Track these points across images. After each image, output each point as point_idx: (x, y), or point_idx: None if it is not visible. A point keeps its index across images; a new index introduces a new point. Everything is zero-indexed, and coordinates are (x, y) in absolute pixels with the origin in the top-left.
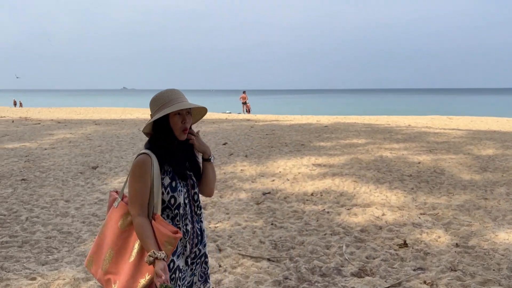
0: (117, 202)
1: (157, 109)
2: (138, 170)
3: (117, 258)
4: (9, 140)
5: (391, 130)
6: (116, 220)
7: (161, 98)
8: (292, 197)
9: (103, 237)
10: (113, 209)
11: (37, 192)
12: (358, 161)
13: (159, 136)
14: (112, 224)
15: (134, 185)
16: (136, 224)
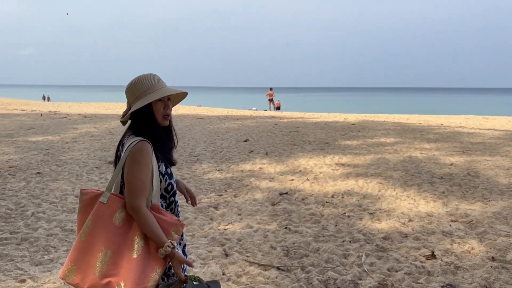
0: (105, 197)
1: (138, 94)
2: (141, 157)
3: (117, 258)
4: (34, 133)
5: (422, 129)
6: (110, 216)
7: (142, 83)
8: (310, 199)
9: (90, 240)
10: (100, 206)
11: (49, 186)
12: (385, 161)
13: (144, 123)
14: (103, 222)
15: (138, 174)
16: (144, 216)
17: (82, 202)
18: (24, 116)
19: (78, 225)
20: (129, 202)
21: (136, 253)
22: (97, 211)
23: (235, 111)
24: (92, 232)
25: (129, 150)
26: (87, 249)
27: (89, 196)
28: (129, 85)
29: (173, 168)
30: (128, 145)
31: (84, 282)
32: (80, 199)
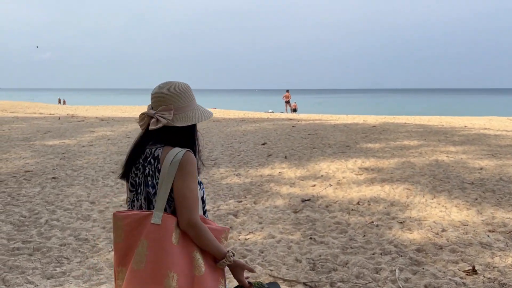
0: (158, 218)
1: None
2: (193, 169)
3: (184, 279)
4: (51, 137)
5: (446, 131)
6: (168, 237)
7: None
8: (335, 206)
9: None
10: (154, 228)
11: (64, 192)
12: (410, 165)
13: (185, 134)
14: (162, 244)
15: (193, 187)
16: (202, 230)
17: (122, 229)
18: (41, 120)
19: (119, 252)
20: (186, 218)
21: (201, 270)
22: (152, 235)
23: (252, 114)
24: (150, 259)
25: (177, 163)
26: (147, 277)
27: (131, 219)
28: (180, 91)
29: None
30: (173, 156)
31: None
32: (118, 225)
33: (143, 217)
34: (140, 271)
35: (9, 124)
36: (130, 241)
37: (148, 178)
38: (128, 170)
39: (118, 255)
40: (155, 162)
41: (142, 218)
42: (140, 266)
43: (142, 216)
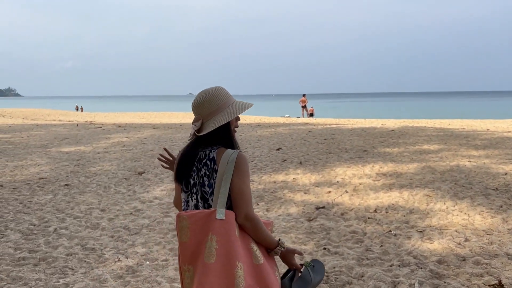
0: (222, 214)
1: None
2: (247, 167)
3: (249, 269)
4: (67, 144)
5: (468, 135)
6: (233, 231)
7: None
8: (351, 214)
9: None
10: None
11: (76, 199)
12: (430, 170)
13: (227, 135)
14: (229, 238)
15: (248, 183)
16: (259, 222)
17: (188, 227)
18: (60, 127)
19: (187, 251)
20: (245, 212)
21: (260, 260)
22: (219, 229)
23: (268, 119)
24: (220, 252)
25: (233, 162)
26: (219, 269)
27: (197, 218)
28: (203, 99)
29: None
30: (229, 157)
31: None
32: (183, 224)
33: (208, 214)
34: (212, 265)
35: (28, 132)
36: (198, 238)
37: (205, 179)
38: (185, 174)
39: (185, 253)
40: (211, 163)
41: (207, 215)
42: (211, 260)
43: (206, 213)
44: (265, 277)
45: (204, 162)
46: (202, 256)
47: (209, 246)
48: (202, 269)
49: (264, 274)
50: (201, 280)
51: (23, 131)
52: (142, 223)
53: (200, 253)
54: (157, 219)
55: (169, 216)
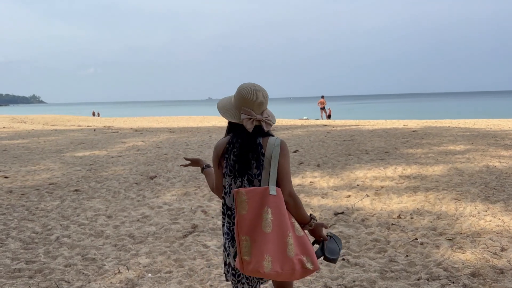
0: (274, 190)
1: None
2: (288, 150)
3: (295, 238)
4: (82, 148)
5: (495, 134)
6: (283, 205)
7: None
8: (372, 220)
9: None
10: (273, 198)
11: (83, 205)
12: (458, 172)
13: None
14: (280, 211)
15: (289, 164)
16: (297, 198)
17: (246, 202)
18: (78, 132)
19: (245, 222)
20: (289, 189)
21: (301, 232)
22: (273, 204)
23: (285, 121)
24: (275, 223)
25: (278, 146)
26: (275, 238)
27: (254, 193)
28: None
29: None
30: (274, 142)
31: (283, 267)
32: (241, 199)
33: (263, 190)
34: (269, 234)
35: (46, 137)
36: (255, 211)
37: (252, 162)
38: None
39: (244, 224)
40: (259, 148)
41: (262, 191)
42: (268, 230)
43: (262, 189)
44: (306, 247)
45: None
46: (260, 227)
47: (265, 218)
48: (261, 237)
49: (305, 244)
50: (261, 248)
51: (41, 137)
52: (148, 231)
53: (258, 224)
54: (165, 226)
55: (177, 223)
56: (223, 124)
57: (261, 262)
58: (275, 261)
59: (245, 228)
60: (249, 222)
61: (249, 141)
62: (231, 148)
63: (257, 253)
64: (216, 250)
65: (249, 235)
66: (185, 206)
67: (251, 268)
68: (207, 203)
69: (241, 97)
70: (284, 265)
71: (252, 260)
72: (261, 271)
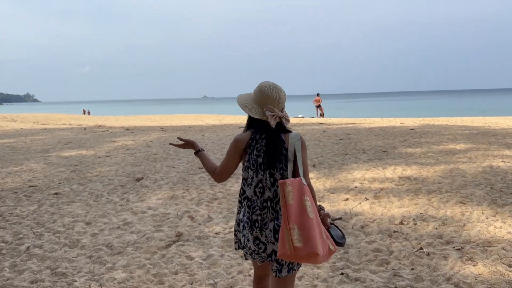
0: (304, 181)
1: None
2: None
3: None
4: (69, 148)
5: (496, 132)
6: (312, 194)
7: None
8: (372, 226)
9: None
10: (306, 188)
11: (62, 210)
12: (460, 173)
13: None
14: (312, 198)
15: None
16: (313, 188)
17: (292, 192)
18: (67, 131)
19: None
20: (308, 179)
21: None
22: (308, 192)
23: None
24: (313, 210)
25: (300, 142)
26: (316, 223)
27: (296, 183)
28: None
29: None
30: (295, 138)
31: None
32: (288, 189)
33: (299, 180)
34: (313, 220)
35: (34, 136)
36: (299, 200)
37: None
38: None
39: (293, 214)
40: (282, 143)
41: (299, 181)
42: (312, 216)
43: (298, 180)
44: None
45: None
46: (305, 213)
47: (307, 205)
48: (309, 224)
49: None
50: (312, 233)
51: (28, 136)
52: (128, 240)
53: (303, 211)
54: (147, 234)
55: (160, 230)
56: (217, 123)
57: (316, 246)
58: (321, 244)
59: (293, 217)
60: (296, 211)
61: (274, 137)
62: (254, 144)
63: (310, 239)
64: (201, 262)
65: (297, 223)
66: (171, 211)
67: (305, 253)
68: (195, 208)
69: (264, 94)
70: (324, 247)
71: (305, 246)
72: (318, 252)
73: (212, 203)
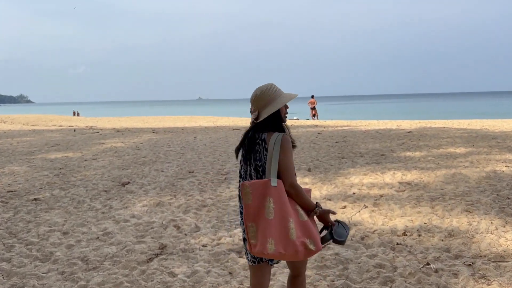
0: (275, 182)
1: (268, 100)
2: (288, 145)
3: (297, 224)
4: (56, 150)
5: (496, 135)
6: (284, 195)
7: (270, 92)
8: (373, 237)
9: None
10: (274, 189)
11: (39, 217)
12: (463, 178)
13: (276, 122)
14: (282, 200)
15: (291, 159)
16: (300, 189)
17: (250, 193)
18: (56, 132)
19: (250, 211)
20: (289, 181)
21: (304, 217)
22: (274, 193)
23: None
24: (276, 211)
25: (279, 143)
26: (277, 223)
27: (257, 185)
28: (257, 94)
29: None
30: (275, 139)
31: (286, 249)
32: (246, 191)
33: (265, 182)
34: (272, 220)
35: (21, 137)
36: (259, 200)
37: (257, 155)
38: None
39: (249, 213)
40: (263, 143)
41: (264, 183)
42: (270, 217)
43: (264, 182)
44: (309, 230)
45: (257, 142)
46: (263, 214)
47: (268, 206)
48: (265, 224)
49: (308, 228)
50: (265, 232)
51: (15, 137)
52: (106, 253)
53: (262, 212)
54: (127, 246)
55: (143, 241)
56: (210, 125)
57: (265, 245)
58: (277, 244)
59: (251, 216)
60: (254, 210)
61: (250, 135)
62: None
63: (261, 237)
64: (185, 280)
65: (255, 222)
66: (155, 219)
67: (257, 250)
68: (181, 216)
69: None
70: (287, 247)
71: (258, 243)
72: (265, 252)
73: (201, 210)
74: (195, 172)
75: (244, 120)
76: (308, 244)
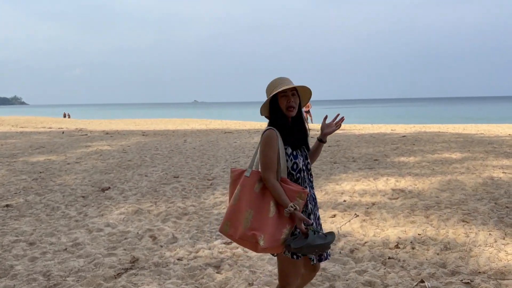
0: (248, 173)
1: (268, 93)
2: (269, 141)
3: (258, 216)
4: (39, 153)
5: (491, 140)
6: (252, 185)
7: (272, 84)
8: (363, 250)
9: (238, 203)
10: (245, 178)
11: (7, 226)
12: (459, 185)
13: (273, 115)
14: (248, 190)
15: (268, 154)
16: (272, 185)
17: (232, 178)
18: (44, 134)
19: (230, 194)
20: (262, 174)
21: (271, 214)
22: (243, 182)
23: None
24: (240, 198)
25: (261, 137)
26: (237, 210)
27: (237, 172)
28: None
29: None
30: (262, 133)
31: (236, 234)
32: (230, 175)
33: (241, 172)
34: (233, 206)
35: (6, 139)
36: (234, 187)
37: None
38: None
39: (230, 196)
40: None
41: (241, 172)
42: (234, 202)
43: (241, 171)
44: (266, 227)
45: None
46: (231, 198)
47: (235, 193)
48: (229, 208)
49: (267, 224)
50: (226, 214)
51: (1, 139)
52: (72, 267)
53: (231, 196)
54: (96, 260)
55: (113, 254)
56: (203, 127)
57: (223, 225)
58: (232, 227)
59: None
60: (229, 196)
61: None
62: None
63: (225, 219)
64: None
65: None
66: (131, 229)
67: (220, 227)
68: (159, 225)
69: None
70: (237, 232)
71: (222, 222)
72: (219, 230)
73: (181, 219)
74: (180, 177)
75: (237, 123)
76: (259, 239)
